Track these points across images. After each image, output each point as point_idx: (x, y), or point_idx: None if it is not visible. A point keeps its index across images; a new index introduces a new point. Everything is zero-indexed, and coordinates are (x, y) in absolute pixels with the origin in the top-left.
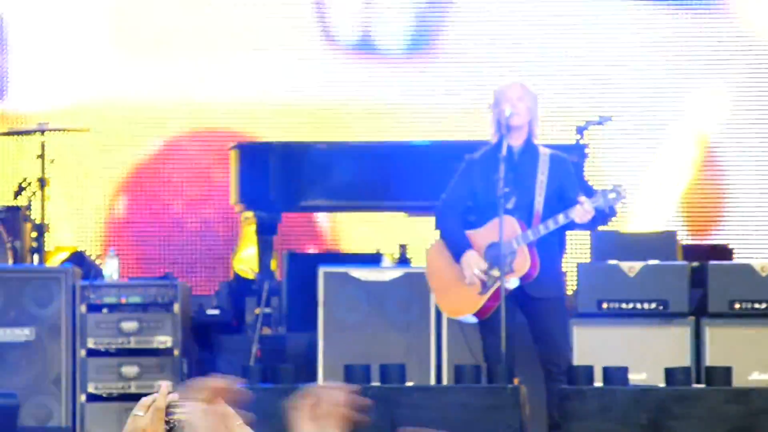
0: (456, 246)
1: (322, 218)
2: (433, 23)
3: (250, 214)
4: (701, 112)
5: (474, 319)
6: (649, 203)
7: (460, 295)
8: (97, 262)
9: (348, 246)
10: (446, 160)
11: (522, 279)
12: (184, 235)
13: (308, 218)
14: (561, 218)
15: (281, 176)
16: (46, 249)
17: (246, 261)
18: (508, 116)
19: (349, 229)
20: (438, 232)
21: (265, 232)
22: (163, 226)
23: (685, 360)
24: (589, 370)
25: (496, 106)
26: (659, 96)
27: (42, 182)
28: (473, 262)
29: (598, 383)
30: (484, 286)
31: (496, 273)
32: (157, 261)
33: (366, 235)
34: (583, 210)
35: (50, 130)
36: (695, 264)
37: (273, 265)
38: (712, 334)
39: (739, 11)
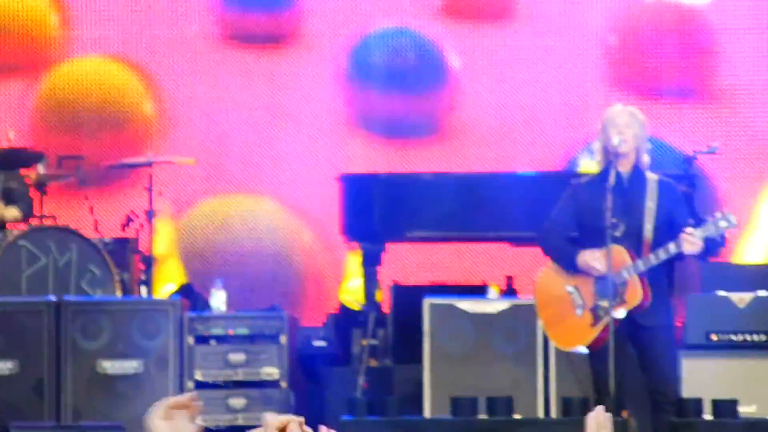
0: (566, 256)
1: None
2: None
3: (355, 245)
4: None
5: (585, 351)
6: (760, 234)
7: (571, 327)
8: (205, 293)
9: (454, 277)
10: (553, 190)
11: (632, 309)
12: (291, 266)
13: (414, 249)
14: (672, 248)
15: (386, 207)
16: (154, 281)
17: (352, 292)
18: (616, 143)
19: (454, 260)
20: (546, 257)
21: (371, 263)
22: (271, 256)
23: None
24: (698, 403)
25: (604, 133)
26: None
27: (150, 214)
28: (592, 258)
29: (708, 416)
30: (596, 317)
31: (606, 304)
32: (264, 292)
33: (472, 266)
34: (690, 241)
35: (158, 163)
36: None
37: (379, 296)
38: None
39: None
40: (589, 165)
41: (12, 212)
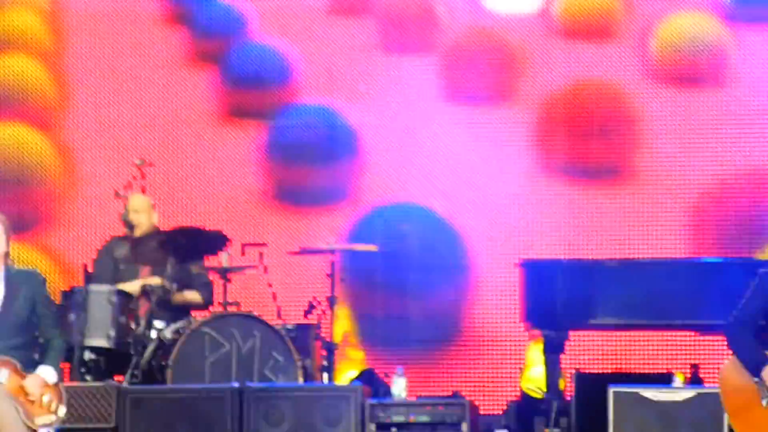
0: (753, 361)
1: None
2: None
3: (537, 332)
4: None
5: None
6: None
7: (757, 418)
8: (386, 380)
9: (637, 365)
10: (739, 277)
11: None
12: (472, 354)
13: (597, 336)
14: None
15: (569, 293)
16: (335, 367)
17: (534, 380)
18: None
19: (638, 348)
20: (730, 350)
21: (553, 350)
22: (451, 343)
23: None
24: None
25: None
26: None
27: (332, 301)
28: None
29: None
30: None
31: None
32: (445, 379)
33: (656, 354)
34: None
35: (339, 249)
36: None
37: (561, 384)
38: None
39: None
40: None
41: (193, 295)
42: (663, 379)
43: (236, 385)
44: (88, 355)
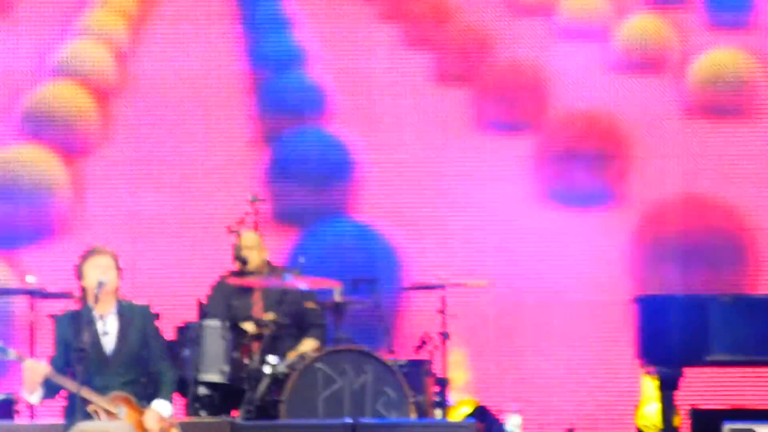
0: None
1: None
2: None
3: (651, 369)
4: None
5: None
6: None
7: None
8: (500, 417)
9: (752, 401)
10: None
11: None
12: (586, 388)
13: (711, 372)
14: None
15: (682, 330)
16: (448, 403)
17: (648, 417)
18: None
19: (753, 384)
20: None
21: (668, 387)
22: (564, 379)
23: None
24: None
25: None
26: None
27: (444, 336)
28: None
29: None
30: None
31: None
32: (558, 416)
33: None
34: None
35: (450, 285)
36: None
37: (676, 421)
38: None
39: None
40: None
41: (310, 345)
42: None
43: (349, 421)
44: (202, 390)
